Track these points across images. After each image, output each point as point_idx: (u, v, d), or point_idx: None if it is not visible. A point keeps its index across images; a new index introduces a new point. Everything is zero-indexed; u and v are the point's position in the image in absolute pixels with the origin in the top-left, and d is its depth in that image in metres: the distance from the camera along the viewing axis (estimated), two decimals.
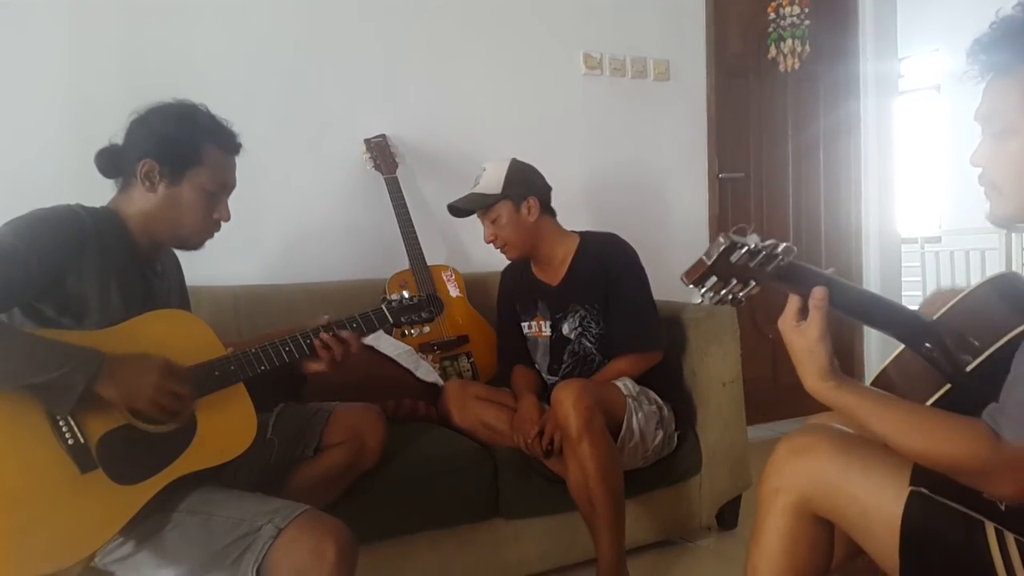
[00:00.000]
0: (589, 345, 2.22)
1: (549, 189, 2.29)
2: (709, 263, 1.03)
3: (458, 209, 2.26)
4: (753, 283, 1.05)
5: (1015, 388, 0.99)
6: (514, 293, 2.38)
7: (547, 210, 2.27)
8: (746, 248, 1.02)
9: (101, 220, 1.47)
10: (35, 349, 1.28)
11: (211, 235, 1.60)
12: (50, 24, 2.31)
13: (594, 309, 2.20)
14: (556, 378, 2.25)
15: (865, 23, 3.81)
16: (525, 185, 2.23)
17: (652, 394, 2.16)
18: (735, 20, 3.53)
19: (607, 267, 2.20)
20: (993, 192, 1.08)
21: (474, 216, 2.26)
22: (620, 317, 2.18)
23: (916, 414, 1.09)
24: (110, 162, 1.54)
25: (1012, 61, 1.03)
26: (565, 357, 2.24)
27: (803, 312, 1.12)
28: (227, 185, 1.59)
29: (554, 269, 2.28)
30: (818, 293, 1.09)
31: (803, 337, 1.12)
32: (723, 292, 1.05)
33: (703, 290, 1.05)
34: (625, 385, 2.10)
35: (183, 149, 1.51)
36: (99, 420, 1.33)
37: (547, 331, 2.27)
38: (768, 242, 1.03)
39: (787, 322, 1.13)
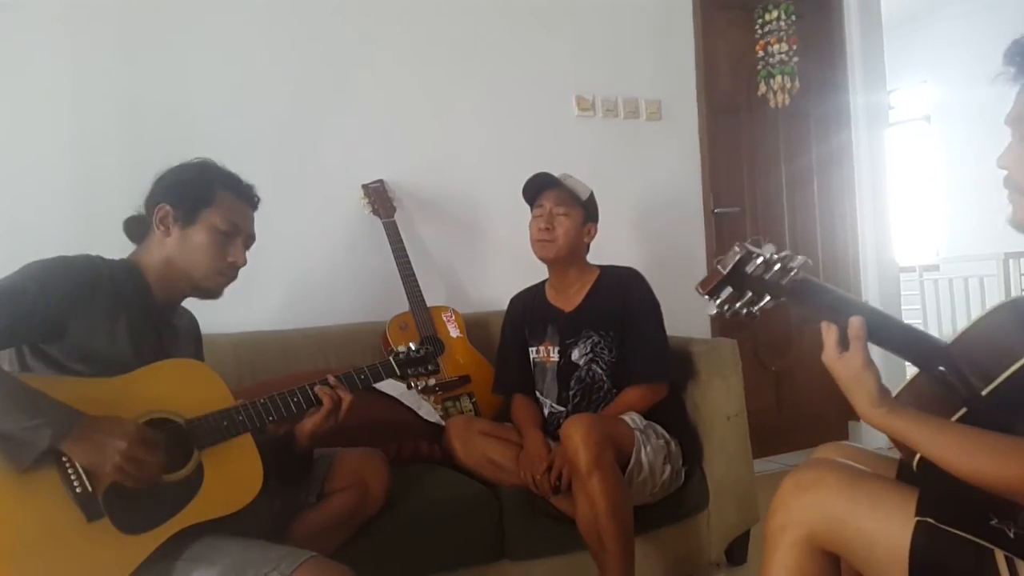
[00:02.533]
0: (600, 372, 2.21)
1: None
2: (724, 272, 1.02)
3: (545, 179, 2.30)
4: (768, 297, 1.04)
5: None
6: (524, 318, 2.39)
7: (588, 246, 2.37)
8: (762, 258, 1.01)
9: (119, 272, 1.51)
10: (13, 395, 1.26)
11: (227, 279, 1.62)
12: (51, 76, 2.35)
13: (608, 336, 2.22)
14: (564, 408, 2.24)
15: (853, 57, 3.87)
16: (596, 213, 2.37)
17: (659, 428, 2.15)
18: (725, 59, 3.59)
19: (625, 298, 2.24)
20: (1018, 195, 1.09)
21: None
22: (634, 349, 2.20)
23: (968, 437, 1.08)
24: (136, 226, 1.60)
25: None
26: (572, 384, 2.24)
27: (843, 344, 1.13)
28: (240, 228, 1.62)
29: (570, 296, 2.32)
30: (856, 323, 1.11)
31: (848, 367, 1.13)
32: (738, 304, 1.03)
33: (718, 301, 1.03)
34: (632, 419, 2.10)
35: (196, 191, 1.56)
36: None
37: (555, 356, 2.28)
38: (784, 253, 1.02)
39: (830, 355, 1.14)
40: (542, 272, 2.44)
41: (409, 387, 1.78)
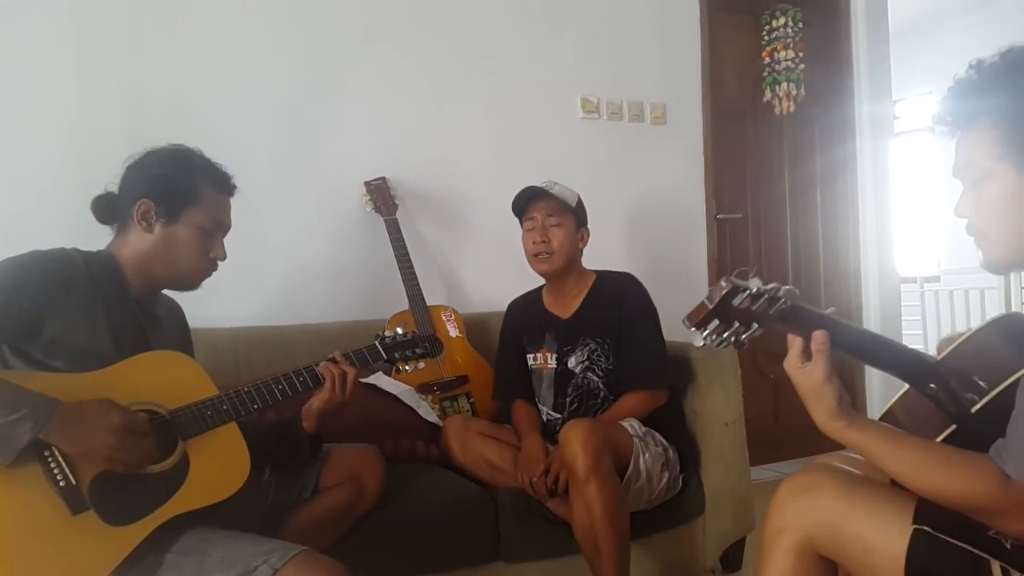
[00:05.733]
0: (596, 379, 2.21)
1: None
2: (711, 307, 1.03)
3: (533, 191, 2.26)
4: (756, 325, 1.06)
5: (1020, 425, 0.98)
6: (521, 325, 2.38)
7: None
8: (748, 292, 1.03)
9: (96, 264, 1.48)
10: None
11: (208, 274, 1.61)
12: (53, 68, 2.35)
13: (605, 344, 2.21)
14: (560, 415, 2.23)
15: (859, 66, 3.87)
16: (585, 216, 2.34)
17: (658, 436, 2.14)
18: (731, 64, 3.58)
19: (622, 304, 2.22)
20: (982, 239, 1.10)
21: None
22: (632, 355, 2.18)
23: (926, 452, 1.08)
24: (106, 209, 1.56)
25: (973, 116, 1.07)
26: (569, 391, 2.23)
27: (806, 354, 1.12)
28: (223, 224, 1.61)
29: (567, 302, 2.30)
30: (819, 337, 1.10)
31: (809, 379, 1.13)
32: (725, 335, 1.05)
33: (705, 333, 1.04)
34: (632, 426, 2.09)
35: (180, 189, 1.53)
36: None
37: (553, 363, 2.27)
38: (770, 286, 1.04)
39: (792, 364, 1.15)
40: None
41: (397, 371, 1.77)
